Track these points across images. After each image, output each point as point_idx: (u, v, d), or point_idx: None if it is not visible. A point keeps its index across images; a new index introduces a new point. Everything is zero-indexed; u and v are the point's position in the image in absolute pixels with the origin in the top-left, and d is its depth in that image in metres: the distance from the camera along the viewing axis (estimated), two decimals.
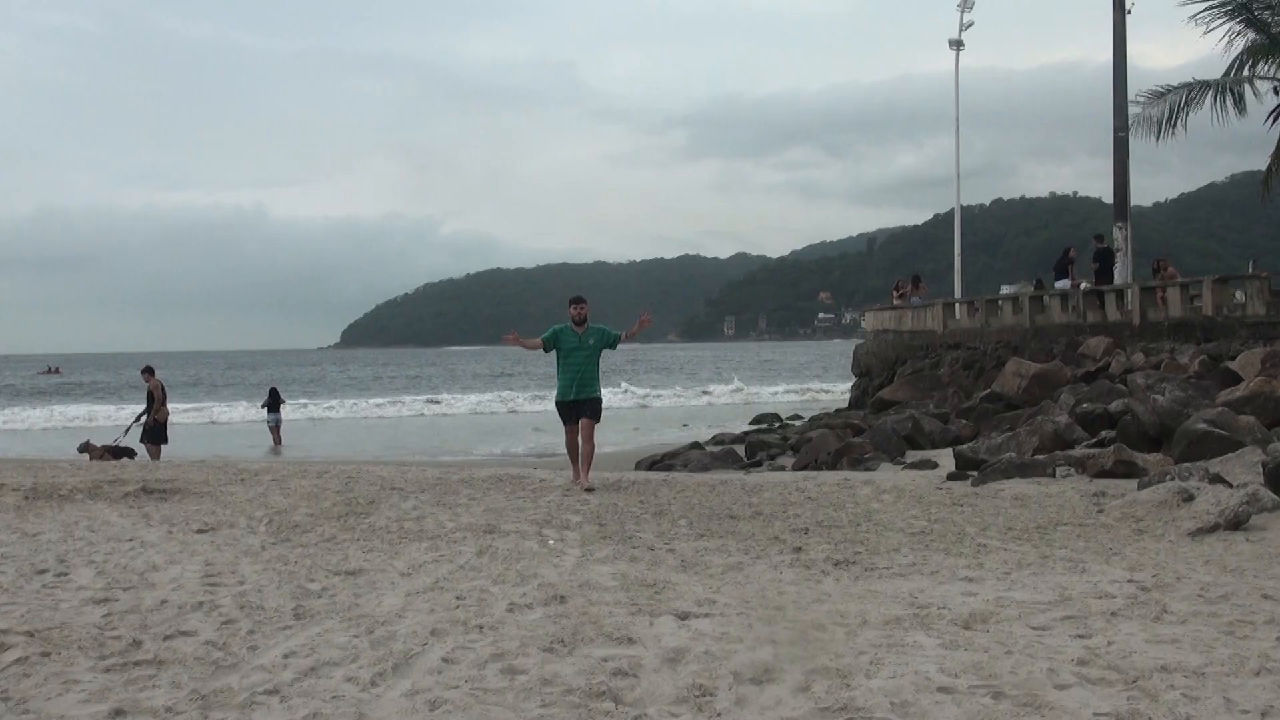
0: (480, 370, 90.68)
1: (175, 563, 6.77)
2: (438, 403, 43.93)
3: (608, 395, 13.55)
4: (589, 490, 10.00)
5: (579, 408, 10.30)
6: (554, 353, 10.34)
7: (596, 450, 10.52)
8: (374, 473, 11.74)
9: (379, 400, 47.33)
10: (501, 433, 29.72)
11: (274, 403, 27.23)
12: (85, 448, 18.10)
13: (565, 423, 10.46)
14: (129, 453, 17.79)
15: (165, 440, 18.86)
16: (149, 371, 19.38)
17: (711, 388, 56.29)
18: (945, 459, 13.41)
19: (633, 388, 52.26)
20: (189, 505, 9.38)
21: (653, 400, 46.58)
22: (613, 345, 10.43)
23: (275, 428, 26.97)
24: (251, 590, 5.94)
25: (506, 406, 41.53)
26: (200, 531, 7.97)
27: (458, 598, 5.66)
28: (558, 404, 10.47)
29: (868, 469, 13.87)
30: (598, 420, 10.43)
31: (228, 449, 24.37)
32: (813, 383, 57.98)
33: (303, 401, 44.31)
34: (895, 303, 32.39)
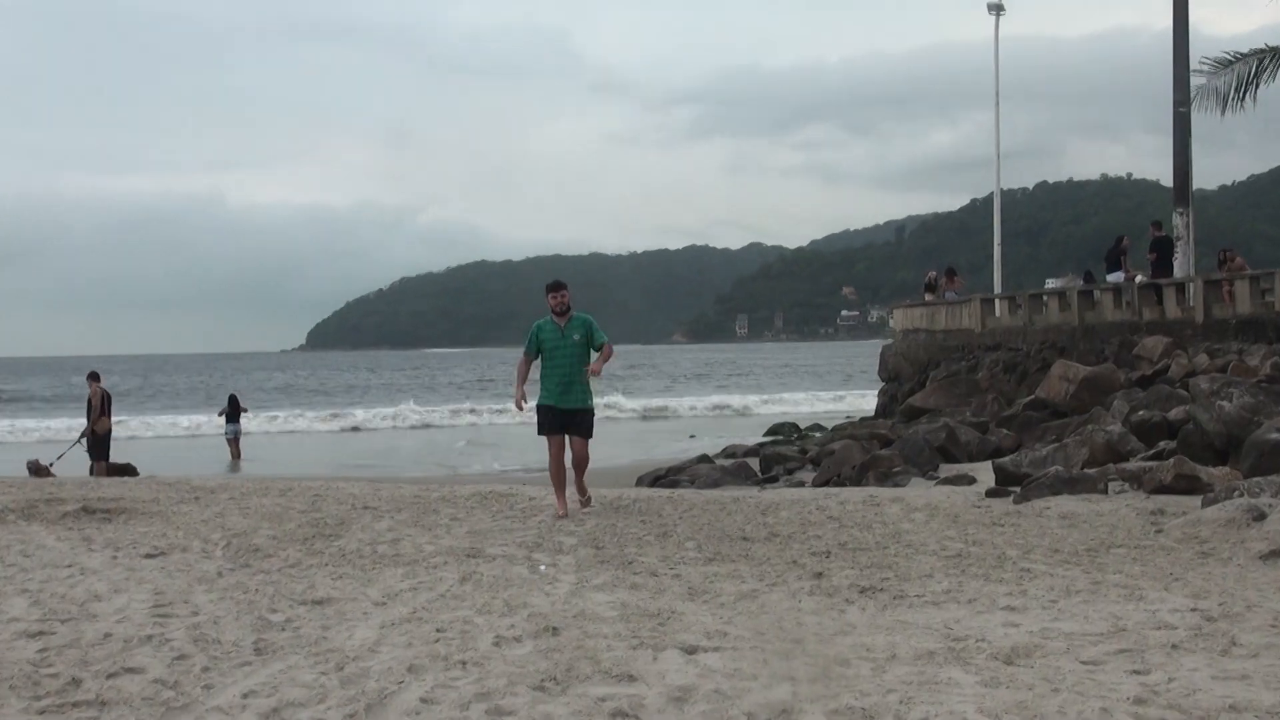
0: (462, 378, 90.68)
1: (120, 591, 6.78)
2: (417, 413, 43.84)
3: (601, 407, 12.92)
4: (587, 506, 9.95)
5: (564, 419, 9.70)
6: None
7: (590, 466, 10.15)
8: (344, 490, 11.78)
9: (348, 410, 47.30)
10: (485, 447, 29.75)
11: (233, 412, 27.30)
12: (35, 469, 18.09)
13: (547, 434, 9.72)
14: (126, 469, 17.71)
15: (106, 456, 18.83)
16: (94, 377, 19.41)
17: (722, 395, 56.34)
18: (984, 473, 13.43)
19: (631, 397, 52.17)
20: (136, 527, 9.40)
21: (655, 409, 46.62)
22: (598, 346, 9.77)
23: (234, 440, 27.03)
24: (206, 622, 5.94)
25: (487, 419, 41.22)
26: (149, 556, 7.98)
27: (438, 630, 5.67)
28: (538, 408, 9.81)
29: (896, 485, 13.91)
30: (588, 437, 9.83)
31: (180, 464, 24.36)
32: (835, 389, 58.03)
33: (274, 414, 44.16)
34: (927, 299, 32.45)
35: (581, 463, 9.84)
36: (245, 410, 28.97)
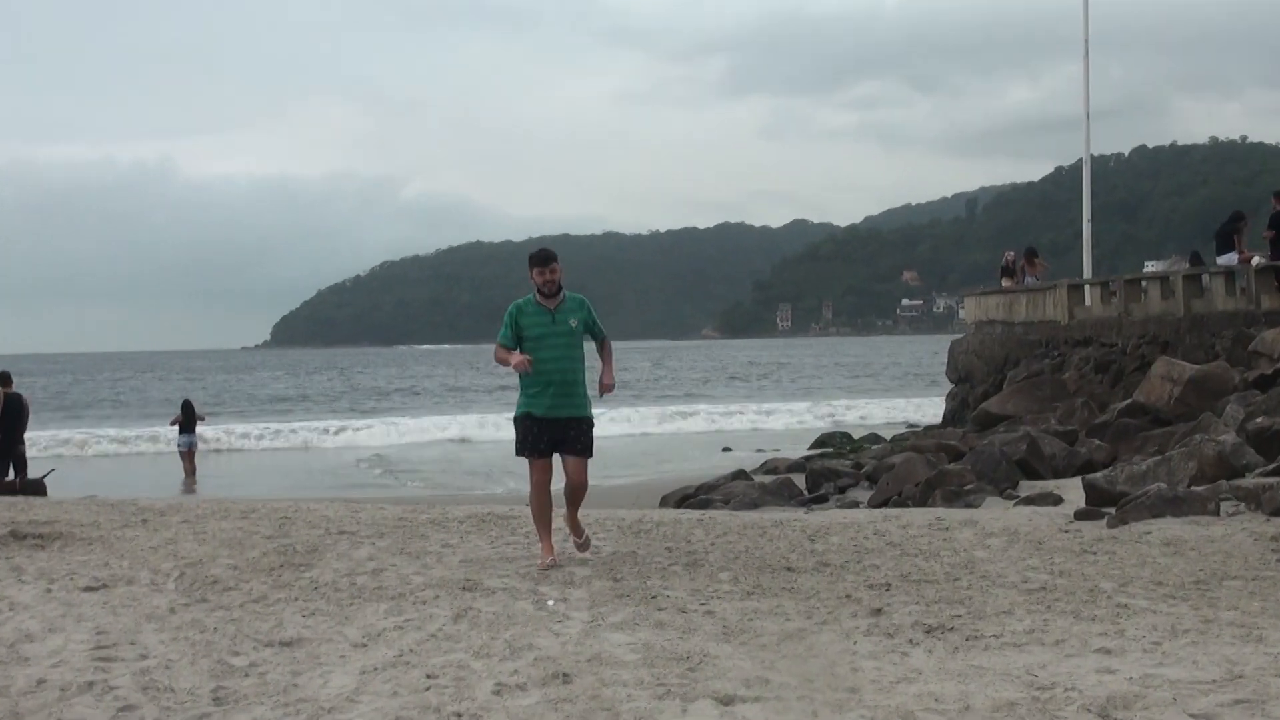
0: (454, 380, 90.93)
1: (56, 630, 6.81)
2: (394, 424, 43.83)
3: (606, 423, 11.79)
4: (584, 550, 8.99)
5: (554, 430, 8.60)
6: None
7: (602, 485, 9.93)
8: (316, 512, 11.82)
9: (319, 421, 47.43)
10: (482, 464, 29.82)
11: (188, 421, 27.46)
12: None
13: (529, 455, 8.64)
14: (36, 488, 17.76)
15: (23, 472, 18.87)
16: (4, 380, 19.39)
17: (760, 400, 56.29)
18: (1072, 491, 13.38)
19: (653, 403, 52.11)
20: (73, 555, 9.43)
21: (682, 416, 46.63)
22: (599, 337, 8.86)
23: (189, 453, 27.18)
24: (157, 666, 5.97)
25: (488, 432, 40.54)
26: (89, 589, 8.02)
27: (429, 676, 5.68)
28: (517, 420, 8.74)
29: (969, 505, 13.89)
30: (588, 456, 8.72)
31: (125, 482, 24.53)
32: (894, 392, 57.94)
33: (241, 429, 44.04)
34: (1004, 285, 32.36)
35: (578, 492, 8.72)
36: (203, 419, 29.12)
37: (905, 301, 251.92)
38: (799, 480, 20.00)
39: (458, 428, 42.08)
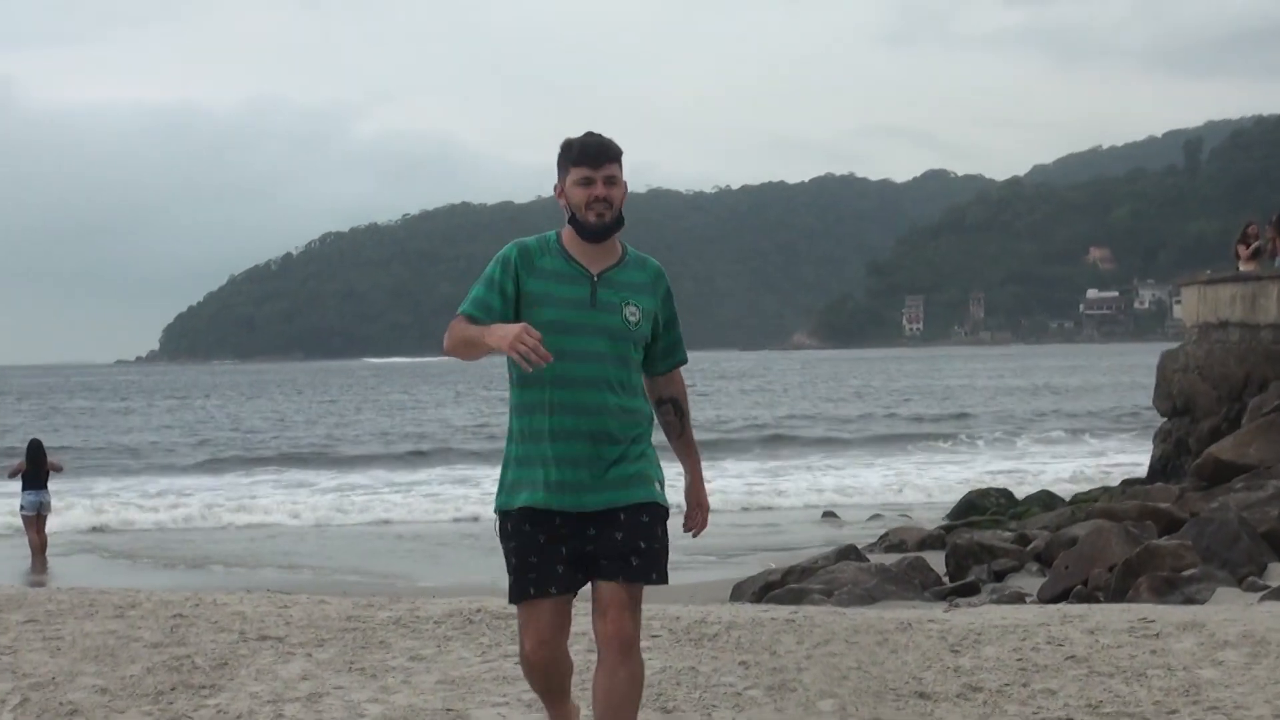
0: (442, 414, 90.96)
1: None
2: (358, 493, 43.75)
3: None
4: None
5: (580, 535, 6.47)
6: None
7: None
8: (226, 608, 11.80)
9: (240, 477, 47.43)
10: (459, 544, 29.92)
11: (35, 472, 27.57)
12: None
13: (535, 592, 6.48)
14: None
15: None
16: None
17: (877, 445, 56.14)
18: None
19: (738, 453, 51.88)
20: None
21: (764, 466, 46.56)
22: (670, 359, 6.83)
23: (37, 519, 27.28)
24: None
25: (467, 510, 39.43)
26: None
27: None
28: (506, 515, 6.58)
29: (1190, 600, 13.83)
30: (649, 581, 6.49)
31: None
32: (1076, 428, 57.46)
33: (103, 487, 44.03)
34: (1243, 269, 32.03)
35: (626, 648, 6.40)
36: (58, 468, 29.24)
37: (1093, 293, 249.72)
38: (936, 561, 20.00)
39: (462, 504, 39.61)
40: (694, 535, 6.83)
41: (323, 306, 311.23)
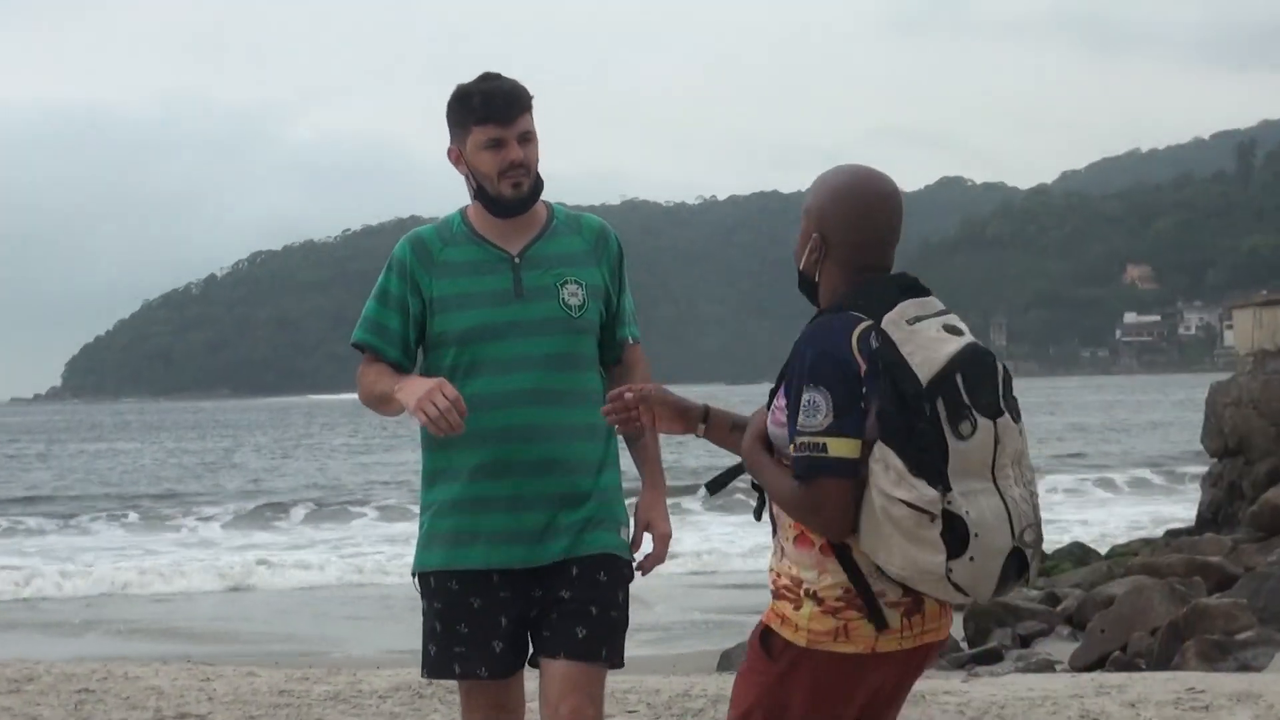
0: (374, 464, 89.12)
1: None
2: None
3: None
4: None
5: (521, 599, 5.52)
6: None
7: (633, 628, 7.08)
8: (140, 682, 11.68)
9: (165, 534, 47.45)
10: (405, 606, 28.98)
11: None
12: None
13: (460, 670, 5.59)
14: None
15: None
16: None
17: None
18: None
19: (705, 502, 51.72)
20: None
21: (749, 515, 45.75)
22: (620, 341, 5.75)
23: None
24: None
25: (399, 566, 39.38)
26: None
27: None
28: (425, 578, 5.60)
29: (1245, 667, 13.92)
30: (605, 662, 5.51)
31: None
32: (1111, 472, 57.53)
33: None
34: None
35: (578, 703, 5.57)
36: None
37: (1131, 317, 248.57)
38: (954, 624, 19.07)
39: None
40: (643, 573, 5.68)
41: (252, 336, 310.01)
